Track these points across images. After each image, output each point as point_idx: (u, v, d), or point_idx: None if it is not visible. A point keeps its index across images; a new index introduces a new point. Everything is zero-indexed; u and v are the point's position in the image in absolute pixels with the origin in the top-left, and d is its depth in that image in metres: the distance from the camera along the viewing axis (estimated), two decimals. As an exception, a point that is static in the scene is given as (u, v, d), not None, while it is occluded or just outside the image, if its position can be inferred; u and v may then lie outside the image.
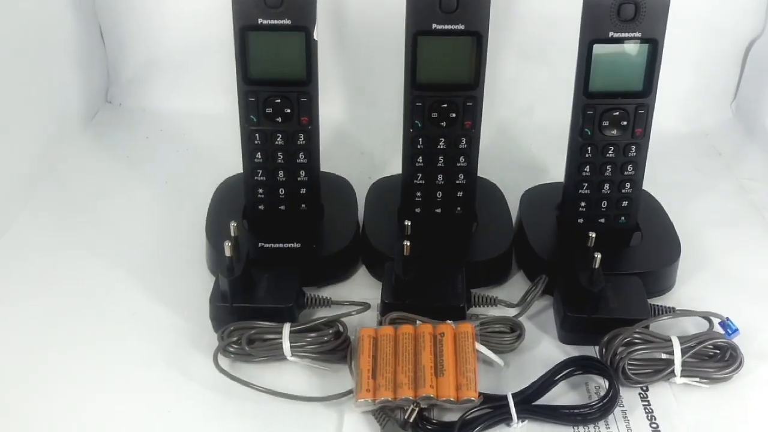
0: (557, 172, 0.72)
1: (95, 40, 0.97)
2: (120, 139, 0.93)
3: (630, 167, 0.68)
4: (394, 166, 0.85)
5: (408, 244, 0.62)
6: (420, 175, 0.69)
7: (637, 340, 0.60)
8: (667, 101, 0.72)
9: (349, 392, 0.58)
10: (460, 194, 0.70)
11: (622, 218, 0.70)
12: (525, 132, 0.95)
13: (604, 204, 0.69)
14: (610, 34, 0.62)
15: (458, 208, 0.71)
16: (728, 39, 0.95)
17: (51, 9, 0.87)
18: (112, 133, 0.95)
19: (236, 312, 0.62)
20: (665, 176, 0.80)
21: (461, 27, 0.63)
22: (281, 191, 0.70)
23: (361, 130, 0.95)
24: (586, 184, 0.69)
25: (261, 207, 0.71)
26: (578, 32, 0.63)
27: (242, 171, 0.70)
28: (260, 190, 0.70)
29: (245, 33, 0.63)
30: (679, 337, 0.60)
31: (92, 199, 0.82)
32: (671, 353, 0.59)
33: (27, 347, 0.64)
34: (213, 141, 0.91)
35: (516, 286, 0.71)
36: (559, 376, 0.58)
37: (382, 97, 0.94)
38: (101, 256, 0.73)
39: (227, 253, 0.61)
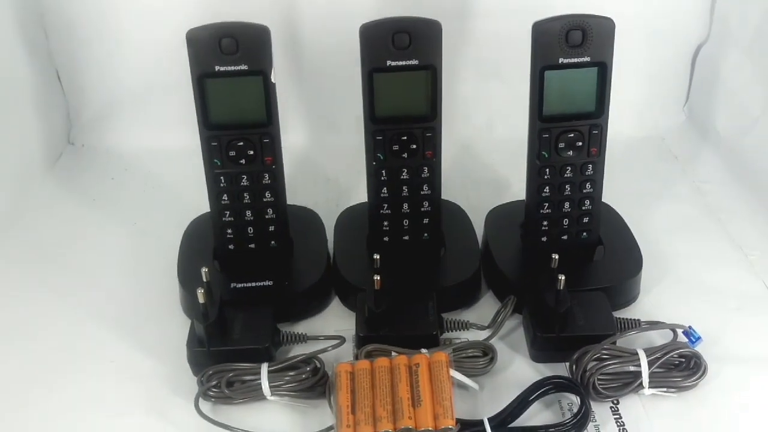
0: (520, 188, 0.73)
1: (52, 82, 0.97)
2: (85, 182, 0.93)
3: (588, 185, 0.70)
4: (360, 191, 0.86)
5: (378, 278, 0.63)
6: (386, 205, 0.71)
7: (605, 356, 0.62)
8: (622, 107, 0.73)
9: (330, 428, 0.59)
10: (426, 221, 0.72)
11: (584, 234, 0.72)
12: (486, 149, 0.97)
13: (566, 222, 0.71)
14: (560, 60, 0.64)
15: (425, 234, 0.73)
16: (676, 45, 0.97)
17: (3, 55, 0.87)
18: (77, 176, 0.95)
19: (214, 355, 0.63)
20: (625, 184, 0.82)
21: (415, 62, 0.64)
22: (250, 230, 0.71)
23: (325, 157, 0.96)
24: (546, 204, 0.70)
25: (231, 247, 0.72)
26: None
27: (209, 211, 0.71)
28: (229, 231, 0.71)
29: (203, 80, 0.64)
30: (645, 350, 0.62)
31: (62, 245, 0.82)
32: (638, 366, 0.62)
33: (3, 401, 0.64)
34: (178, 178, 0.92)
35: (486, 306, 0.72)
36: (532, 397, 0.60)
37: (343, 124, 0.96)
38: (74, 305, 0.73)
39: (201, 299, 0.62)
